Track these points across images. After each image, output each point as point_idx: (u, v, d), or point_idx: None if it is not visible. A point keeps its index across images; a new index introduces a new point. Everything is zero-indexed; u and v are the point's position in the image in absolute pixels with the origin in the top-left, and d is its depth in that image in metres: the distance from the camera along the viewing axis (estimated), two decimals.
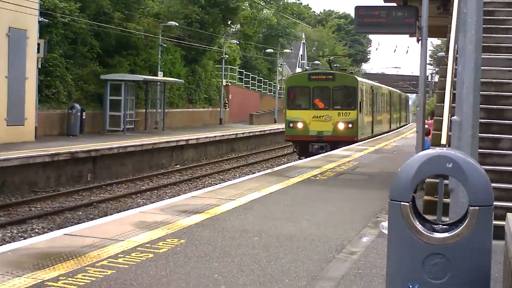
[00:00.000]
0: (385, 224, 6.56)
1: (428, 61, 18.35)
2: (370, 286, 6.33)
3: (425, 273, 4.10)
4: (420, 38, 12.78)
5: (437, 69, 59.69)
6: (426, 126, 13.64)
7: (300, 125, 28.10)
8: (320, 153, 23.68)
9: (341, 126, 27.94)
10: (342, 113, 28.11)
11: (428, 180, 9.37)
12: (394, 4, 17.63)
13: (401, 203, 4.19)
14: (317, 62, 66.56)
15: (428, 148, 12.10)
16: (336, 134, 27.79)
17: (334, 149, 24.48)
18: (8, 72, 23.40)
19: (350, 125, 27.95)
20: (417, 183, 4.29)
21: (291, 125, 28.48)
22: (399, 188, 4.23)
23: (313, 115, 28.16)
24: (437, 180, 8.30)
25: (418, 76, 13.71)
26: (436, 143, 11.52)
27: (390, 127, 42.74)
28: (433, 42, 63.54)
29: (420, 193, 9.29)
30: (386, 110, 41.63)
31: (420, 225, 4.19)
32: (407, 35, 19.54)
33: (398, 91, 55.71)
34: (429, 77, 66.24)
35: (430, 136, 13.43)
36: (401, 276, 4.19)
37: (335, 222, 9.81)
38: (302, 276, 6.56)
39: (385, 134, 37.33)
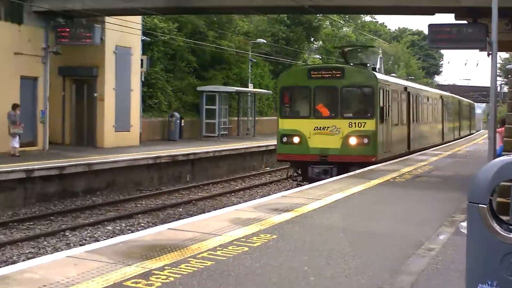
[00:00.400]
0: (464, 224, 6.45)
1: (497, 73, 16.27)
2: (448, 281, 6.22)
3: (503, 271, 4.02)
4: (490, 52, 12.51)
5: (505, 80, 57.76)
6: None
7: (296, 140, 18.81)
8: (322, 179, 15.99)
9: (353, 141, 18.39)
10: (355, 123, 18.54)
11: (501, 183, 9.13)
12: (465, 22, 17.45)
13: (479, 205, 4.12)
14: (393, 74, 65.62)
15: (500, 154, 11.79)
16: (346, 152, 18.34)
17: (343, 173, 16.76)
18: (116, 85, 24.25)
19: (365, 140, 18.37)
20: (494, 187, 4.21)
21: (284, 139, 19.08)
22: (477, 191, 4.16)
23: (314, 126, 18.81)
24: (510, 184, 8.11)
25: (488, 86, 13.44)
26: (508, 149, 11.24)
27: (442, 139, 32.13)
28: (501, 55, 61.56)
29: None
30: (435, 119, 30.56)
31: (497, 226, 4.11)
32: (477, 50, 19.05)
33: (459, 97, 45.02)
34: (498, 88, 64.24)
35: (501, 142, 13.10)
36: (479, 273, 4.11)
37: (413, 221, 9.68)
38: (384, 270, 6.52)
39: (454, 142, 33.91)
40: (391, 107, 20.55)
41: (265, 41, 38.59)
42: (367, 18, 73.04)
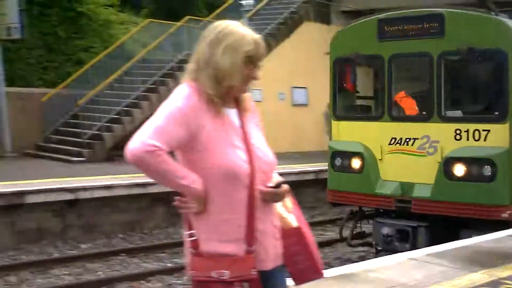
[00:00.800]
0: None
1: None
2: None
3: None
4: None
5: None
6: None
7: (357, 164, 9.27)
8: (396, 249, 8.37)
9: (460, 171, 8.25)
10: (467, 131, 8.27)
11: None
12: None
13: None
14: None
15: None
16: (446, 195, 8.33)
17: (441, 237, 8.04)
18: None
19: (487, 170, 8.07)
20: None
21: (337, 163, 9.57)
22: None
23: (391, 138, 8.98)
24: None
25: None
26: None
27: None
28: None
29: None
30: None
31: None
32: None
33: None
34: None
35: None
36: None
37: None
38: None
39: None
40: None
41: None
42: None
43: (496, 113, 8.44)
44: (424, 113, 9.15)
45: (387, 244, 8.90)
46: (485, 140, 8.18)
